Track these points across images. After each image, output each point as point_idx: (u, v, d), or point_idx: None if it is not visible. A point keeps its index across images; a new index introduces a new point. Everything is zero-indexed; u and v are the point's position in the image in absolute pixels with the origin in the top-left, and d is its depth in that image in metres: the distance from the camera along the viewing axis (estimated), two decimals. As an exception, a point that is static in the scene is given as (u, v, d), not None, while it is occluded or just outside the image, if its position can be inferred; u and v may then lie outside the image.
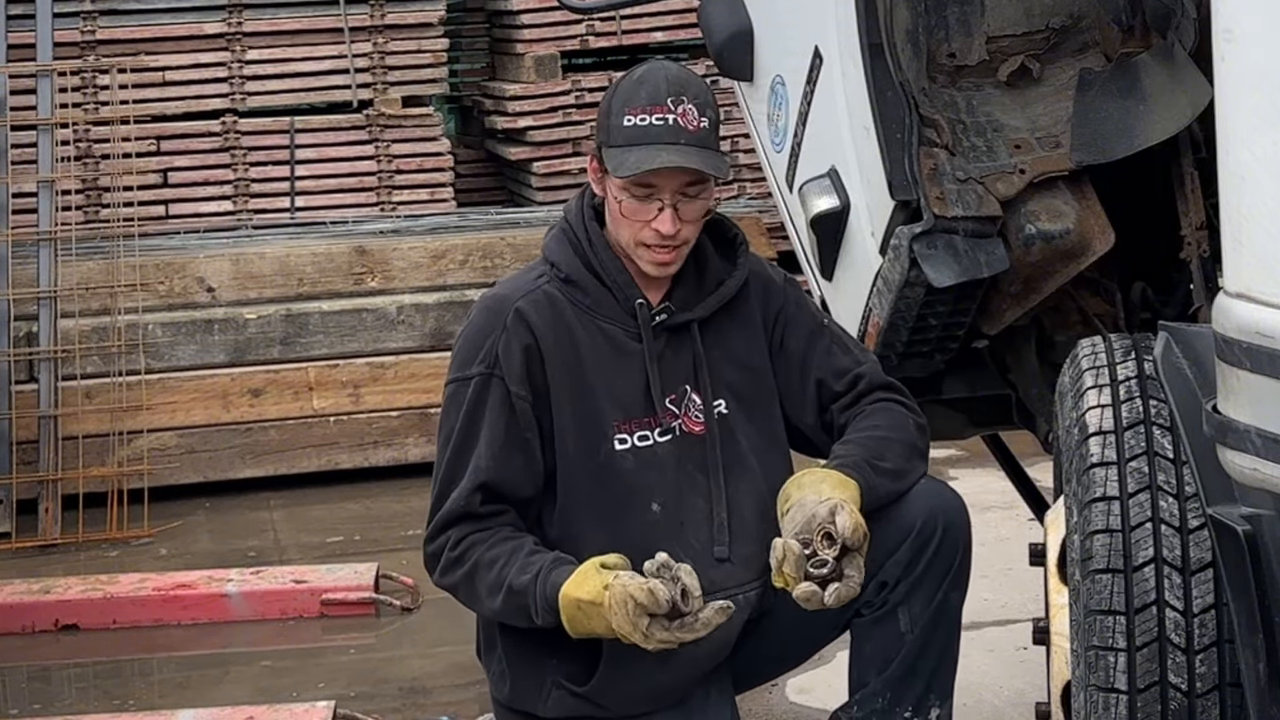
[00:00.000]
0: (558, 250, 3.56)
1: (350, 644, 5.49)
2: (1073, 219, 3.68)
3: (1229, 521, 2.60)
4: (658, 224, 3.43)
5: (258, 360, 7.26)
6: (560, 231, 3.59)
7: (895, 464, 3.48)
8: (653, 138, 3.41)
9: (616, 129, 3.43)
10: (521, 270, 3.66)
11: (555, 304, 3.50)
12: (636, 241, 3.47)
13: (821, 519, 3.29)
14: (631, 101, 3.44)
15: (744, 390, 3.56)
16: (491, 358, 3.49)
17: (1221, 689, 2.89)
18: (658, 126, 3.41)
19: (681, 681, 3.52)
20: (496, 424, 3.46)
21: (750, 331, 3.59)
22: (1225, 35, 2.52)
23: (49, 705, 5.15)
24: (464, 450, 3.48)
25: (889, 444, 3.50)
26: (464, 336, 3.60)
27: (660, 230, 3.43)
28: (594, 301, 3.51)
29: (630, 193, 3.43)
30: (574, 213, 3.58)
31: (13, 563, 6.43)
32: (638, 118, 3.42)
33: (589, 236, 3.53)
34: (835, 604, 3.28)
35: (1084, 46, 3.86)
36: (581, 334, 3.49)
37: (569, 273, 3.52)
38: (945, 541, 3.48)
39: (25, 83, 7.43)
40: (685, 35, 9.05)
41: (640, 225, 3.45)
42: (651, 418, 3.50)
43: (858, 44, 3.75)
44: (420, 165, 8.84)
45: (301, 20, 8.67)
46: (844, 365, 3.60)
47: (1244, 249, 2.49)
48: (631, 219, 3.45)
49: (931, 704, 3.51)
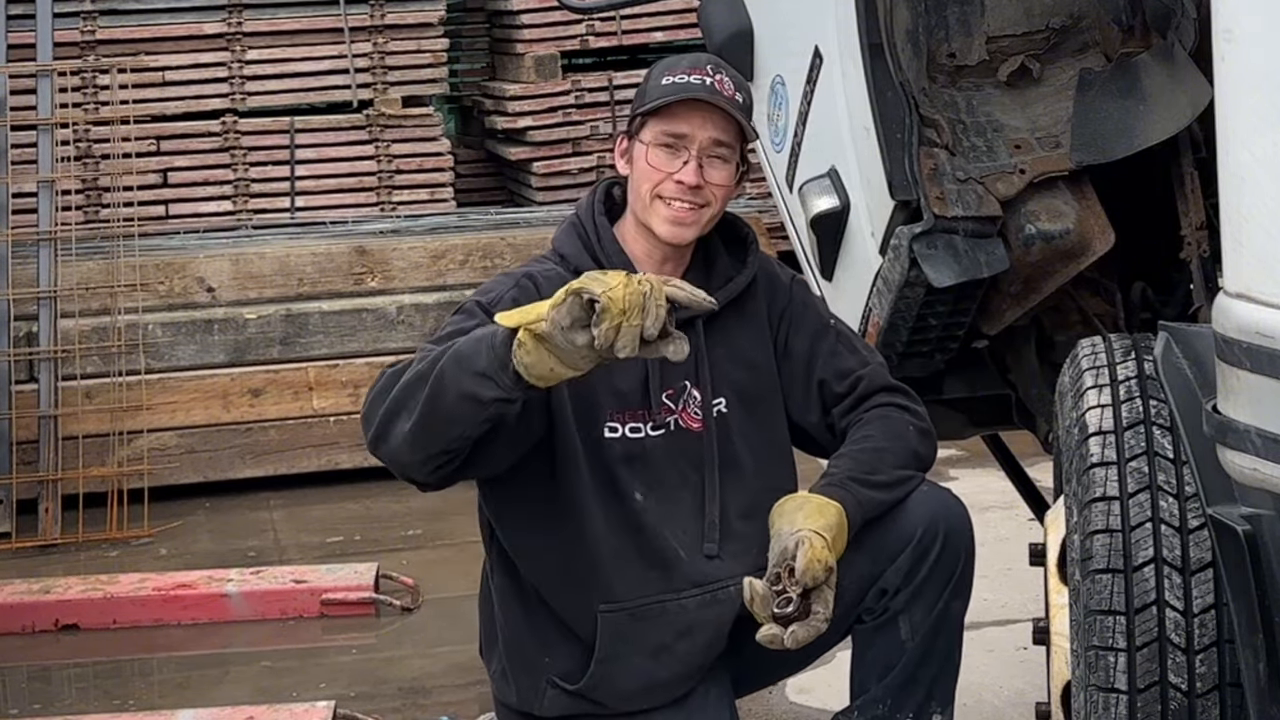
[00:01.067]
0: (566, 242, 3.57)
1: (350, 644, 5.49)
2: (1073, 219, 3.68)
3: (1229, 521, 2.60)
4: (682, 174, 3.44)
5: (258, 360, 7.26)
6: (570, 225, 3.60)
7: (889, 475, 3.46)
8: (690, 91, 3.45)
9: (654, 88, 3.48)
10: (530, 260, 3.66)
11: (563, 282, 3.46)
12: (655, 194, 3.46)
13: (788, 555, 3.26)
14: (672, 66, 3.50)
15: (746, 388, 3.56)
16: (501, 301, 3.39)
17: (1221, 689, 2.89)
18: (695, 84, 3.46)
19: (677, 677, 3.52)
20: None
21: (756, 330, 3.58)
22: (1225, 35, 2.52)
23: (49, 705, 5.15)
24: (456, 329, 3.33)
25: (882, 455, 3.48)
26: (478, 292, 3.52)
27: (684, 180, 3.44)
28: None
29: (660, 141, 3.45)
30: (584, 208, 3.60)
31: (13, 563, 6.43)
32: (676, 76, 3.47)
33: (597, 231, 3.54)
34: (794, 645, 3.25)
35: (1084, 46, 3.86)
36: None
37: (577, 264, 3.51)
38: (947, 549, 3.46)
39: (25, 83, 7.43)
40: (685, 35, 9.04)
41: (662, 177, 3.45)
42: (645, 410, 3.49)
43: (858, 44, 3.75)
44: (420, 165, 8.84)
45: (301, 20, 8.67)
46: (847, 366, 3.59)
47: (1244, 249, 2.49)
48: (657, 169, 3.45)
49: (933, 711, 3.50)
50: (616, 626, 3.47)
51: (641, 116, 3.49)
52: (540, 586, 3.51)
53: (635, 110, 3.52)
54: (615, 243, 3.53)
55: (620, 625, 3.47)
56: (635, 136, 3.51)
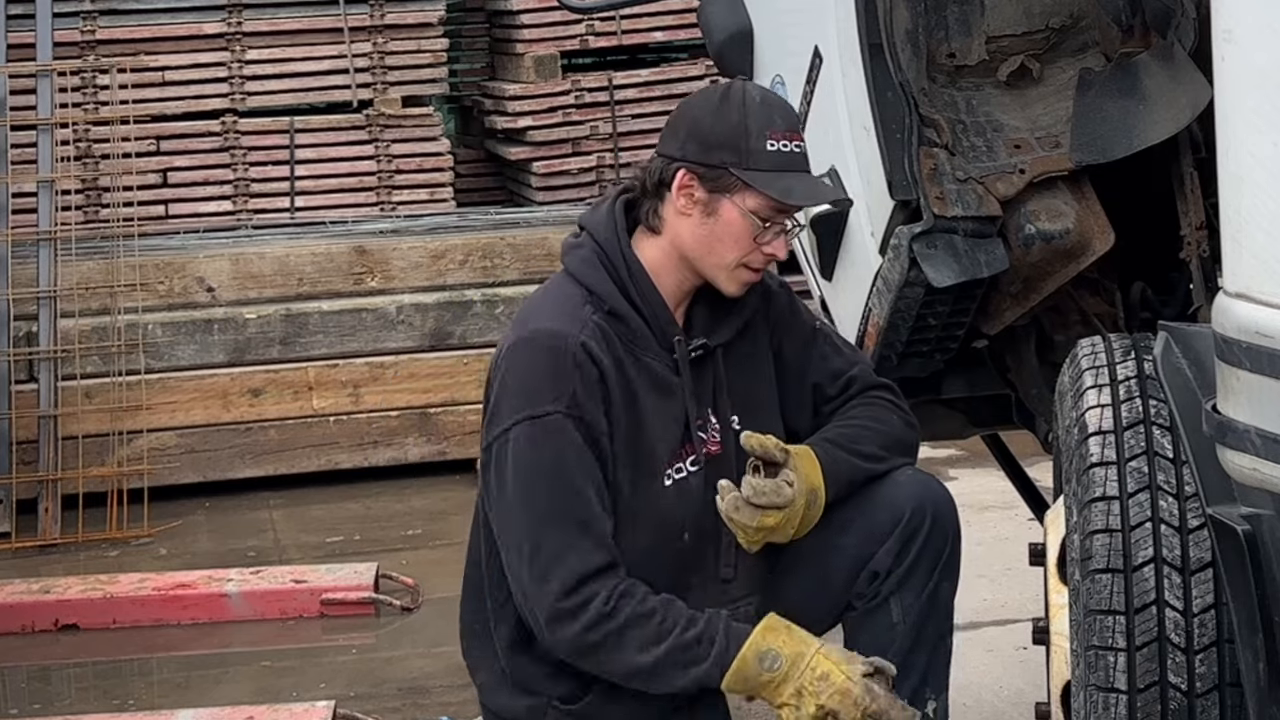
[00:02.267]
0: (594, 278, 3.45)
1: (350, 644, 5.49)
2: (1072, 219, 3.68)
3: (1229, 521, 2.60)
4: (773, 248, 3.42)
5: (257, 360, 7.26)
6: (593, 255, 3.47)
7: (867, 448, 3.50)
8: (796, 165, 3.41)
9: (759, 152, 3.37)
10: (554, 296, 3.50)
11: (608, 338, 3.41)
12: (740, 263, 3.43)
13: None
14: (770, 126, 3.39)
15: (751, 401, 3.56)
16: (568, 397, 3.35)
17: (1221, 689, 2.89)
18: (797, 154, 3.42)
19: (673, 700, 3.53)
20: (591, 467, 3.36)
21: (756, 341, 3.59)
22: (1225, 35, 2.52)
23: (49, 705, 5.15)
24: (569, 495, 3.34)
25: (864, 430, 3.52)
26: (523, 374, 3.39)
27: (776, 255, 3.44)
28: (637, 336, 3.45)
29: (761, 216, 3.40)
30: (605, 235, 3.48)
31: (13, 563, 6.43)
32: (780, 143, 3.39)
33: (628, 266, 3.45)
34: (751, 493, 3.33)
35: (1084, 46, 3.86)
36: (631, 369, 3.43)
37: (612, 305, 3.43)
38: (935, 530, 3.49)
39: (25, 83, 7.43)
40: (685, 35, 9.05)
41: (752, 248, 3.42)
42: (688, 446, 3.49)
43: (858, 44, 3.75)
44: (420, 165, 8.84)
45: (301, 20, 8.67)
46: (838, 368, 3.61)
47: (1244, 249, 2.49)
48: (745, 239, 3.41)
49: (927, 697, 3.51)
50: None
51: (741, 180, 3.38)
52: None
53: (729, 165, 3.37)
54: (648, 280, 3.45)
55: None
56: (726, 194, 3.40)
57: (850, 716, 3.27)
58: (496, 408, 3.42)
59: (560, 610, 3.34)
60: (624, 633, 3.32)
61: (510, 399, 3.39)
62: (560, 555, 3.33)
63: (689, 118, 3.45)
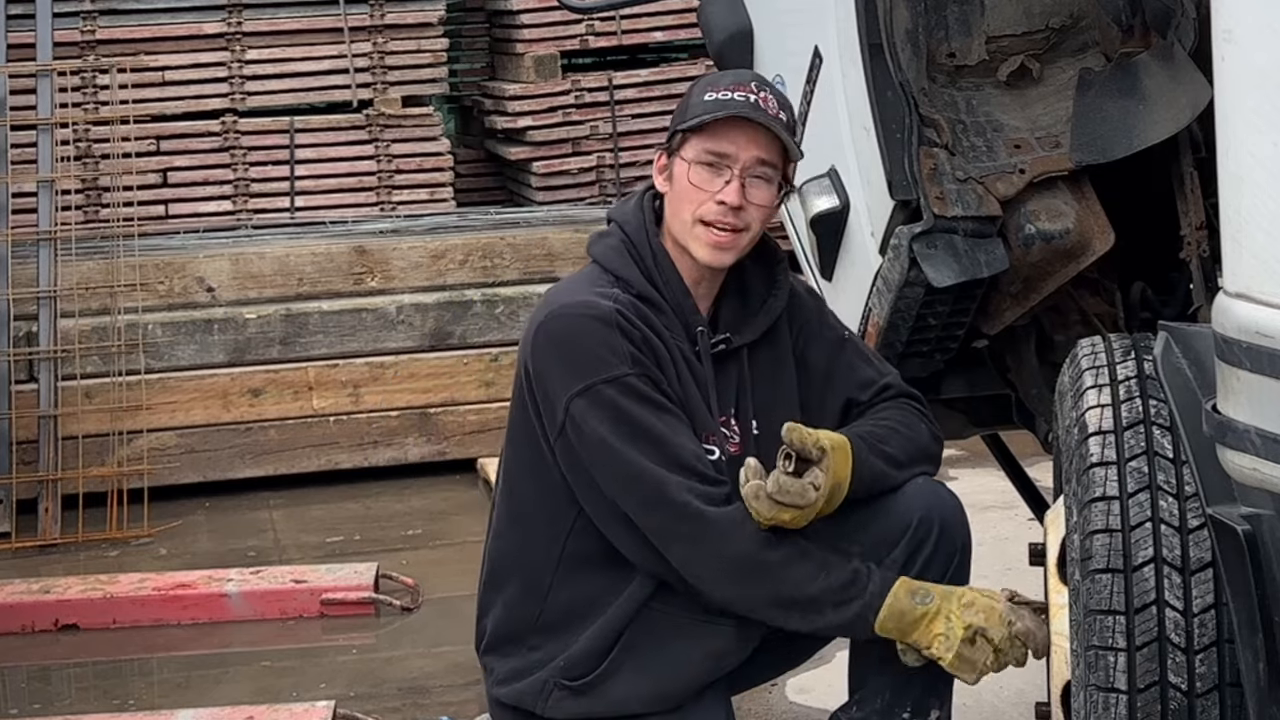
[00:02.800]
0: (621, 264, 3.48)
1: (350, 644, 5.49)
2: (1072, 219, 3.68)
3: (1229, 521, 2.60)
4: (724, 194, 3.41)
5: (257, 360, 7.26)
6: (620, 244, 3.51)
7: (895, 451, 3.49)
8: (734, 108, 3.41)
9: (696, 105, 3.43)
10: (580, 280, 3.54)
11: (640, 313, 3.44)
12: (697, 218, 3.43)
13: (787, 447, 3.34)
14: (715, 83, 3.46)
15: (772, 407, 3.55)
16: (627, 356, 3.39)
17: (1221, 689, 2.89)
18: (739, 100, 3.42)
19: (689, 685, 3.52)
20: (673, 409, 3.42)
21: (780, 347, 3.59)
22: (1225, 35, 2.52)
23: (49, 705, 5.15)
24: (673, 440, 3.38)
25: (894, 434, 3.51)
26: (571, 347, 3.42)
27: (726, 200, 3.41)
28: (665, 320, 3.47)
29: (702, 160, 3.41)
30: (633, 225, 3.51)
31: (13, 563, 6.43)
32: (720, 93, 3.43)
33: (654, 254, 3.48)
34: (775, 490, 3.29)
35: (1084, 46, 3.86)
36: (661, 346, 3.45)
37: (639, 290, 3.46)
38: (943, 541, 3.48)
39: (25, 82, 7.43)
40: (685, 35, 9.05)
41: (705, 197, 3.42)
42: (710, 435, 3.50)
43: (858, 44, 3.75)
44: (420, 165, 8.84)
45: (301, 20, 8.67)
46: (869, 377, 3.61)
47: (1244, 249, 2.49)
48: (699, 188, 3.42)
49: (931, 705, 3.51)
50: (654, 626, 3.48)
51: (683, 133, 3.44)
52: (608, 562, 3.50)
53: (675, 126, 3.47)
54: (673, 268, 3.48)
55: (658, 626, 3.48)
56: (676, 154, 3.45)
57: (998, 634, 3.34)
58: (551, 384, 3.42)
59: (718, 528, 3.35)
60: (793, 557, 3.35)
61: (570, 367, 3.41)
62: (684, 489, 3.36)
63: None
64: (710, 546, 3.38)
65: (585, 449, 3.41)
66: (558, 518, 3.52)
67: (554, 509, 3.51)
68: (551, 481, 3.50)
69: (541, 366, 3.44)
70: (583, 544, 3.50)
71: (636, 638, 3.48)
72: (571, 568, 3.51)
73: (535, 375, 3.46)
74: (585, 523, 3.50)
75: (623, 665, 3.49)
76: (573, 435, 3.41)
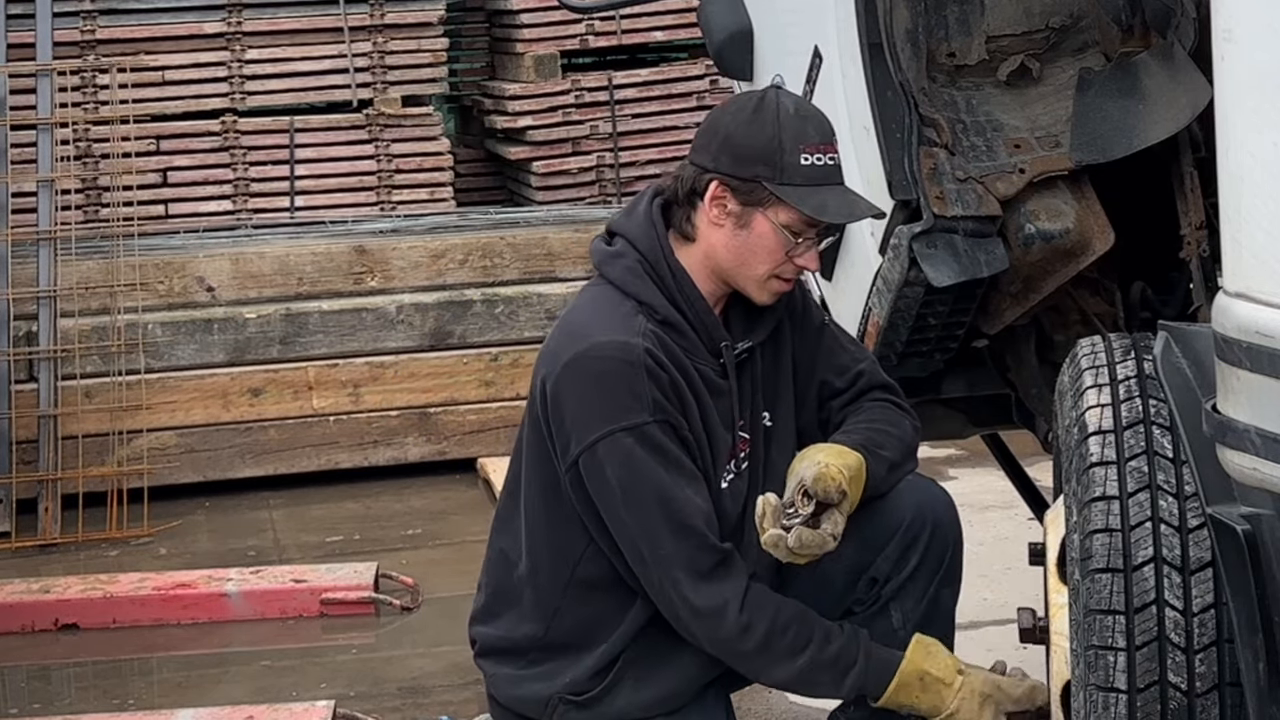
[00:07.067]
0: (641, 288, 3.44)
1: (350, 644, 5.49)
2: (1072, 219, 3.68)
3: (1229, 521, 2.60)
4: (804, 260, 3.43)
5: (257, 360, 7.25)
6: (637, 264, 3.45)
7: (892, 455, 3.50)
8: (830, 178, 3.40)
9: (793, 167, 3.36)
10: (604, 309, 3.47)
11: (665, 345, 3.42)
12: (772, 275, 3.43)
13: (805, 481, 3.31)
14: (804, 139, 3.38)
15: (778, 397, 3.58)
16: (650, 404, 3.37)
17: (1221, 689, 2.89)
18: (831, 167, 3.40)
19: (689, 688, 3.53)
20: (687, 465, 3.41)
21: (781, 336, 3.61)
22: (1225, 35, 2.52)
23: (49, 705, 5.15)
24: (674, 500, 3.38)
25: (888, 437, 3.52)
26: (596, 388, 3.39)
27: (807, 267, 3.44)
28: (688, 344, 3.46)
29: (793, 230, 3.40)
30: (648, 245, 3.46)
31: (13, 562, 6.43)
32: (814, 156, 3.38)
33: (673, 274, 3.45)
34: (796, 546, 3.29)
35: (1084, 46, 3.86)
36: (684, 386, 3.44)
37: (664, 315, 3.43)
38: (935, 538, 3.50)
39: (25, 82, 7.43)
40: (685, 35, 9.05)
41: (783, 260, 3.42)
42: (734, 449, 3.51)
43: (858, 44, 3.75)
44: (420, 165, 8.84)
45: (301, 20, 8.67)
46: (845, 362, 3.62)
47: (1244, 249, 2.49)
48: (777, 252, 3.41)
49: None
50: (656, 640, 3.50)
51: (774, 194, 3.37)
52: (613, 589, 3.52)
53: (763, 177, 3.37)
54: (694, 289, 3.46)
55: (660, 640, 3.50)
56: (759, 208, 3.39)
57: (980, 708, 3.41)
58: (570, 420, 3.40)
59: (697, 612, 3.39)
60: (769, 643, 3.38)
61: (591, 411, 3.38)
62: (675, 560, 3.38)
63: (722, 129, 3.43)
64: (690, 627, 3.43)
65: (594, 491, 3.42)
66: (569, 546, 3.52)
67: (565, 536, 3.52)
68: (563, 511, 3.51)
69: (563, 399, 3.42)
70: (591, 570, 3.52)
71: (639, 652, 3.50)
72: (580, 592, 3.53)
73: (554, 403, 3.43)
74: (595, 550, 3.50)
75: (625, 677, 3.52)
76: (585, 473, 3.42)
